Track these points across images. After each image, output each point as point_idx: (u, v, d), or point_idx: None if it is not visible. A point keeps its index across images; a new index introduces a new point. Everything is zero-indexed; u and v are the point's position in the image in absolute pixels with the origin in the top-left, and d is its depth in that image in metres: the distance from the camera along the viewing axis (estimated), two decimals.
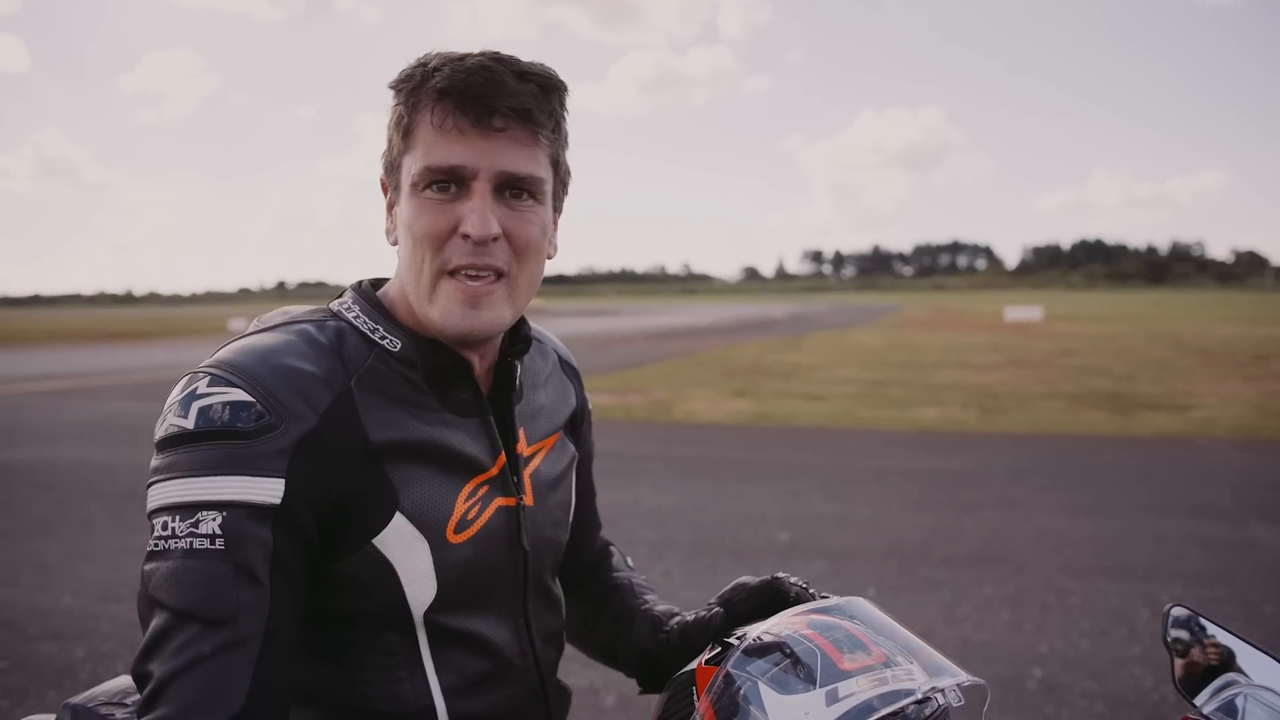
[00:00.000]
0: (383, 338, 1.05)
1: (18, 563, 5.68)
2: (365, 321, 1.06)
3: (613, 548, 1.43)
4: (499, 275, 1.02)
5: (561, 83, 1.03)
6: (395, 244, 1.07)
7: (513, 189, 1.01)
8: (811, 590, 1.12)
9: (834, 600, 0.98)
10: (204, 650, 0.87)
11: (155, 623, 0.89)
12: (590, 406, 1.37)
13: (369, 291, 1.10)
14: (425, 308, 1.02)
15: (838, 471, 8.51)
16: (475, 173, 0.98)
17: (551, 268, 1.10)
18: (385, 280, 1.15)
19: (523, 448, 1.15)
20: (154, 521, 0.93)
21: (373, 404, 1.01)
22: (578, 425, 1.32)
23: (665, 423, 11.98)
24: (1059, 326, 35.90)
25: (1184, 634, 1.09)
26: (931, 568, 5.41)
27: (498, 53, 1.01)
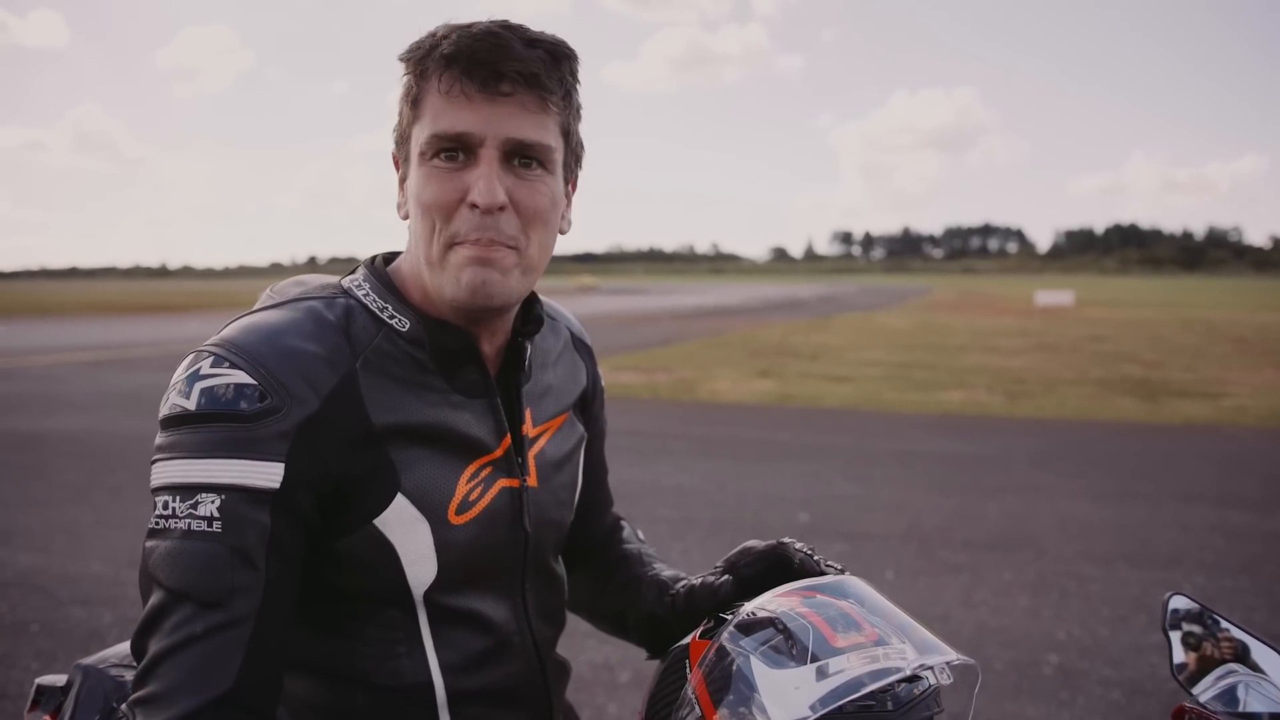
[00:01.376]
0: (391, 317, 1.03)
1: (50, 529, 5.80)
2: (374, 300, 1.05)
3: (623, 522, 1.43)
4: (508, 247, 1.00)
5: (572, 51, 1.02)
6: (406, 218, 1.05)
7: (521, 157, 0.99)
8: (816, 557, 1.12)
9: (828, 579, 0.99)
10: (196, 630, 0.88)
11: (152, 600, 0.91)
12: (603, 384, 1.36)
13: (380, 268, 1.09)
14: (437, 278, 1.00)
15: (860, 453, 8.49)
16: (482, 140, 0.97)
17: (580, 245, 1.11)
18: (397, 255, 1.13)
19: (528, 429, 1.14)
20: (156, 499, 0.93)
21: (378, 386, 1.00)
22: (588, 404, 1.30)
23: (689, 402, 11.99)
24: (1090, 311, 35.48)
25: (1183, 622, 1.09)
26: (951, 551, 5.40)
27: (506, 20, 0.99)
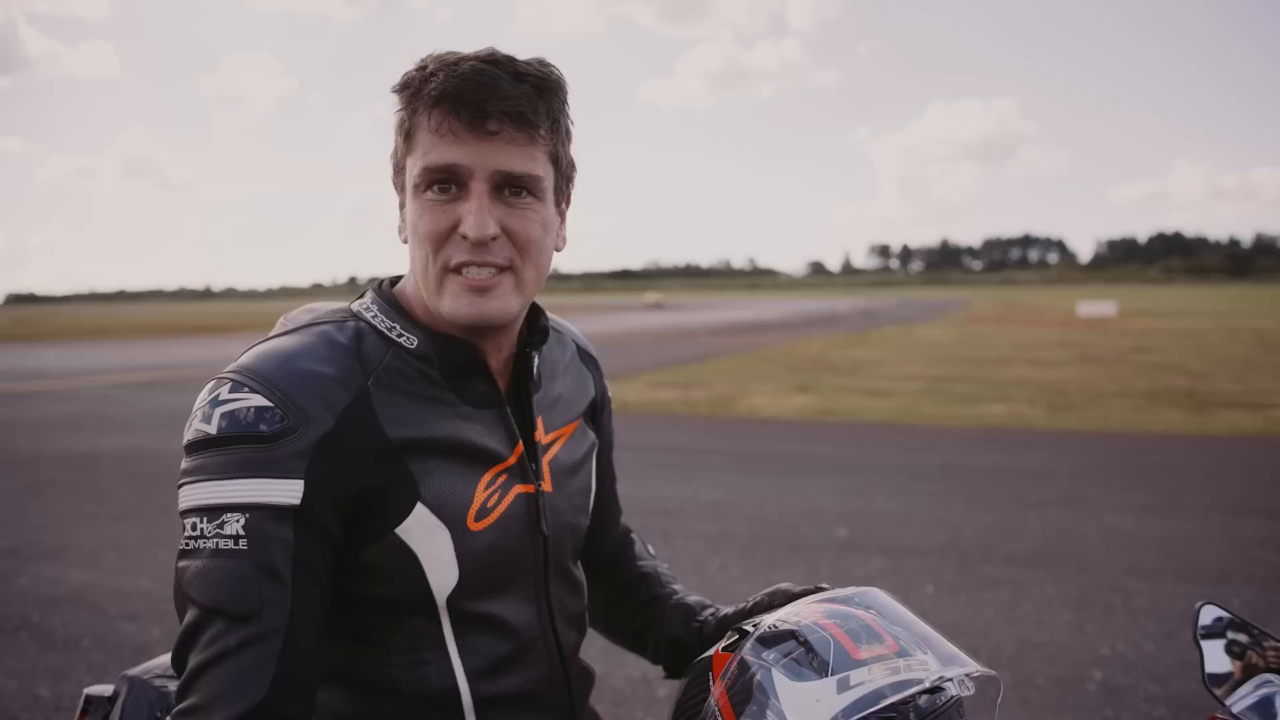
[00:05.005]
0: (400, 335, 1.08)
1: (101, 546, 5.94)
2: (383, 320, 1.09)
3: (634, 535, 1.46)
4: (501, 269, 1.05)
5: (558, 81, 1.05)
6: (406, 242, 1.09)
7: (511, 187, 1.03)
8: None
9: (851, 590, 1.00)
10: (230, 644, 0.92)
11: (188, 617, 0.95)
12: (610, 395, 1.40)
13: (387, 291, 1.14)
14: (436, 302, 1.05)
15: (900, 468, 8.42)
16: (472, 172, 1.01)
17: (617, 262, 1.13)
18: (402, 277, 1.17)
19: (541, 435, 1.18)
20: (185, 521, 0.98)
21: (390, 402, 1.04)
22: (597, 413, 1.34)
23: (727, 417, 11.97)
24: (1134, 322, 34.90)
25: (1215, 632, 1.08)
26: (993, 566, 5.34)
27: (495, 53, 1.03)
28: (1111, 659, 4.00)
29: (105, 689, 1.16)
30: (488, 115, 1.00)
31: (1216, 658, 1.07)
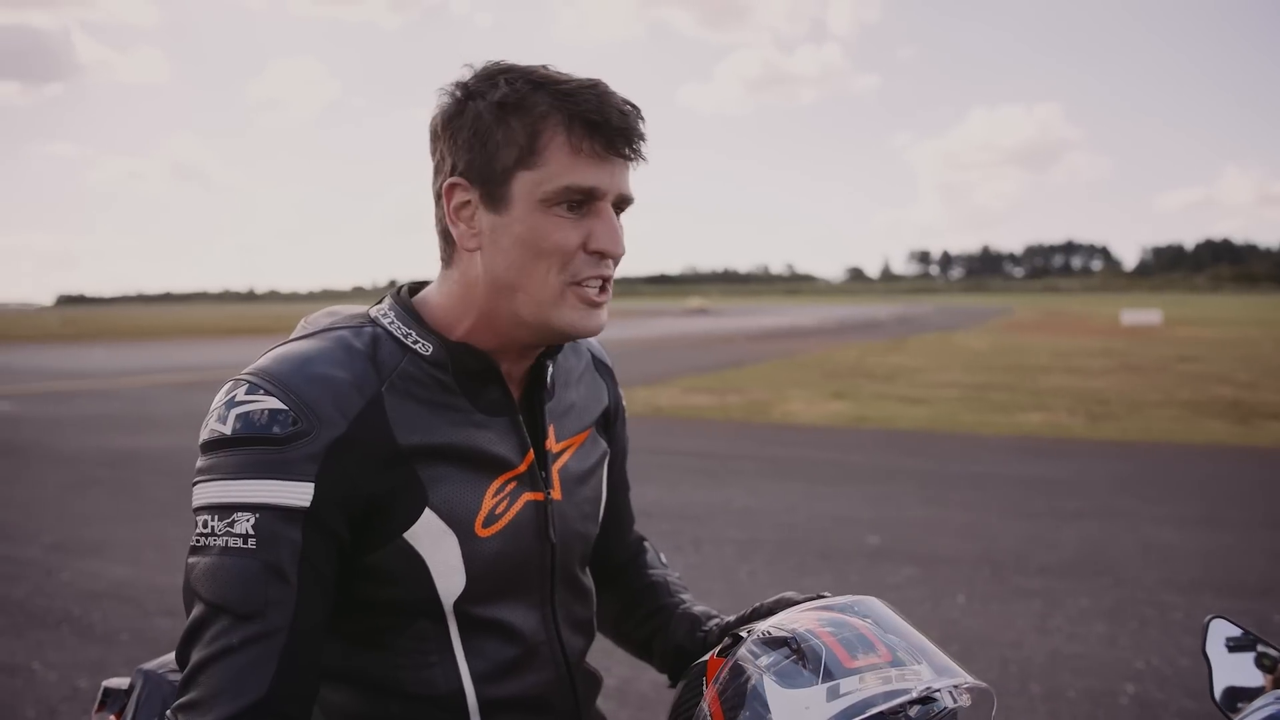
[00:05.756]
0: (415, 342, 1.09)
1: (141, 543, 6.06)
2: (399, 327, 1.10)
3: (646, 543, 1.47)
4: (609, 285, 1.10)
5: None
6: (475, 249, 1.08)
7: (619, 208, 1.09)
8: None
9: (847, 599, 1.00)
10: (233, 642, 0.94)
11: (194, 613, 0.97)
12: (625, 404, 1.41)
13: (405, 298, 1.15)
14: (549, 314, 1.07)
15: (934, 476, 8.35)
16: (605, 194, 1.06)
17: (655, 267, 1.17)
18: (422, 285, 1.18)
19: (552, 444, 1.19)
20: (197, 518, 1.00)
21: (403, 408, 1.06)
22: (610, 422, 1.35)
23: (762, 423, 11.94)
24: (1179, 331, 34.28)
25: (1225, 647, 1.07)
26: (1026, 576, 5.27)
27: (600, 80, 1.07)
28: (1145, 673, 3.94)
29: (123, 682, 1.19)
30: (626, 142, 1.05)
31: (1225, 673, 1.06)
